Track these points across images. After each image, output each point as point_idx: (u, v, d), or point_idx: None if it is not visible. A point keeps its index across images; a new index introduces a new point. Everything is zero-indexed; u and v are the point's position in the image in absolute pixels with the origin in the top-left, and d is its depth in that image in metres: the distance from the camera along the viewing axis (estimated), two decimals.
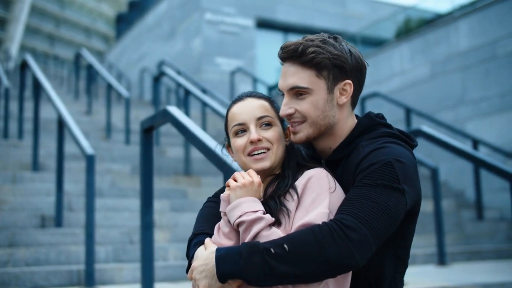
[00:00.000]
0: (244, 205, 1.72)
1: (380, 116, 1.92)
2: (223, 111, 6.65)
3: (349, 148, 1.85)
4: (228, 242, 1.76)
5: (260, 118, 1.85)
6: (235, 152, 1.90)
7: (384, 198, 1.64)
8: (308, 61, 1.79)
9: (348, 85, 1.84)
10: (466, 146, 4.82)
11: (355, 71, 1.85)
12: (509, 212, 8.31)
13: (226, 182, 1.81)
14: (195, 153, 8.33)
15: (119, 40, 25.45)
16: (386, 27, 15.33)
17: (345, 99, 1.85)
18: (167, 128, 10.08)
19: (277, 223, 1.72)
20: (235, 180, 1.79)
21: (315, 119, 1.82)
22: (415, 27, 12.08)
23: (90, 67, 11.45)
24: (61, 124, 5.56)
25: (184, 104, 7.92)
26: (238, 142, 1.87)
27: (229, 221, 1.77)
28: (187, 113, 7.97)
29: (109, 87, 9.89)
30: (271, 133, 1.84)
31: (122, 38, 24.48)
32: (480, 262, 6.58)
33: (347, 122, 1.88)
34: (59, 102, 5.78)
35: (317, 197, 1.71)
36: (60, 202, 5.36)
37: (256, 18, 17.68)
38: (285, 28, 18.56)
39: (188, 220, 6.13)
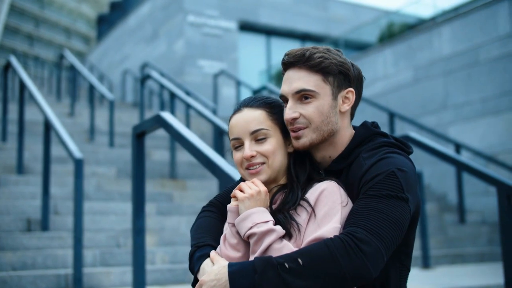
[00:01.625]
0: (254, 216, 1.72)
1: (376, 125, 1.96)
2: (207, 113, 6.67)
3: (349, 159, 1.86)
4: (235, 254, 1.76)
5: (253, 132, 1.83)
6: (235, 164, 1.91)
7: (391, 209, 1.67)
8: (316, 65, 1.81)
9: (350, 93, 1.88)
10: (460, 156, 4.89)
11: (357, 81, 1.90)
12: (490, 216, 8.42)
13: (232, 193, 1.81)
14: (181, 157, 8.34)
15: (100, 41, 25.30)
16: (369, 31, 15.45)
17: (347, 107, 1.88)
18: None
19: (287, 235, 1.72)
20: (242, 191, 1.79)
21: (319, 124, 1.83)
22: (398, 32, 12.20)
23: (73, 69, 11.37)
24: (47, 127, 5.52)
25: (169, 107, 7.92)
26: (236, 156, 1.88)
27: (237, 232, 1.76)
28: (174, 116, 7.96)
29: (92, 88, 9.83)
30: (266, 147, 1.83)
31: (103, 39, 24.33)
32: (464, 265, 6.67)
33: (347, 131, 1.91)
34: (45, 105, 5.74)
35: (329, 211, 1.71)
36: (46, 205, 5.33)
37: (239, 21, 17.70)
38: (268, 31, 18.61)
39: (175, 224, 6.13)
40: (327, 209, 1.71)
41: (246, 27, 18.10)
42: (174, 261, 5.43)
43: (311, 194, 1.76)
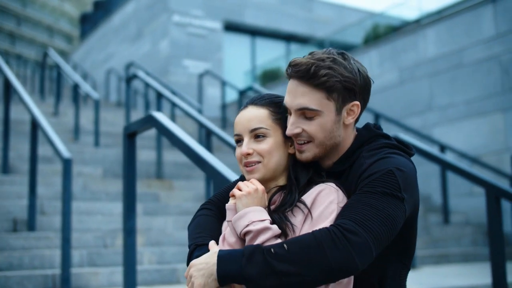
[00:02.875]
0: (250, 214, 1.73)
1: (378, 127, 1.96)
2: (195, 114, 6.66)
3: (350, 160, 1.87)
4: None
5: (253, 130, 1.85)
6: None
7: (383, 205, 1.67)
8: (320, 84, 1.78)
9: (355, 106, 1.86)
10: (452, 159, 4.96)
11: (363, 92, 1.87)
12: (474, 217, 8.50)
13: (230, 192, 1.83)
14: (167, 156, 8.32)
15: (83, 40, 25.14)
16: (354, 32, 15.51)
17: (352, 119, 1.87)
18: None
19: (283, 235, 1.73)
20: (240, 190, 1.81)
21: (322, 140, 1.83)
22: (383, 33, 12.27)
23: (57, 68, 11.29)
24: (34, 126, 5.48)
25: (155, 107, 7.89)
26: (236, 152, 1.90)
27: (235, 230, 1.78)
28: None
29: (76, 88, 9.77)
30: (263, 146, 1.84)
31: (87, 38, 24.18)
32: (448, 265, 6.73)
33: (350, 138, 1.91)
34: (32, 104, 5.70)
35: (325, 211, 1.72)
36: (33, 205, 5.29)
37: (224, 21, 17.69)
38: (253, 32, 18.62)
39: (162, 224, 6.11)
40: (323, 209, 1.73)
41: (231, 27, 18.09)
42: (161, 261, 5.42)
43: (309, 195, 1.78)
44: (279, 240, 1.69)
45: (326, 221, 1.70)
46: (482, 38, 8.74)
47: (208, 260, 1.66)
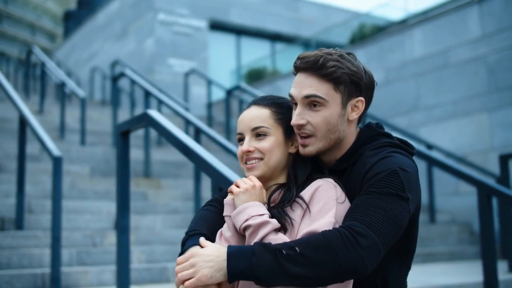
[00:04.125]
0: (249, 209, 1.76)
1: (380, 126, 1.98)
2: (183, 112, 6.65)
3: (353, 158, 1.89)
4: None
5: (254, 129, 1.90)
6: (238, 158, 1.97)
7: (390, 206, 1.69)
8: (328, 75, 1.82)
9: (360, 102, 1.89)
10: (447, 159, 5.01)
11: (367, 89, 1.90)
12: (459, 216, 8.58)
13: (229, 188, 1.87)
14: (155, 155, 8.29)
15: (67, 38, 24.95)
16: (340, 32, 15.57)
17: (356, 115, 1.90)
18: None
19: (282, 229, 1.76)
20: (237, 186, 1.85)
21: (326, 133, 1.85)
22: (369, 33, 12.33)
23: (42, 65, 11.20)
24: (22, 124, 5.43)
25: (143, 105, 7.86)
26: (238, 150, 1.95)
27: (233, 226, 1.81)
28: None
29: (61, 86, 9.69)
30: (264, 144, 1.88)
31: (70, 36, 24.01)
32: (435, 264, 6.78)
33: (353, 136, 1.93)
34: (20, 101, 5.65)
35: (324, 206, 1.74)
36: (21, 204, 5.24)
37: (210, 19, 17.66)
38: (238, 31, 18.61)
39: (150, 223, 6.09)
40: (322, 205, 1.75)
41: (217, 26, 18.07)
42: (151, 260, 5.40)
43: (307, 191, 1.80)
44: (279, 234, 1.71)
45: (325, 217, 1.71)
46: (468, 38, 8.82)
47: (217, 254, 1.66)
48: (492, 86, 8.38)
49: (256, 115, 1.91)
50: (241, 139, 1.94)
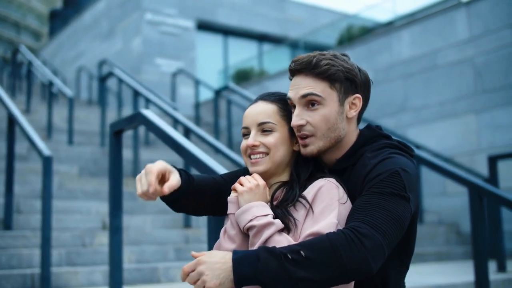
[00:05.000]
0: (254, 209, 1.77)
1: (379, 128, 2.00)
2: (173, 112, 6.63)
3: (353, 158, 1.90)
4: (230, 245, 1.81)
5: (260, 124, 1.91)
6: (241, 151, 1.98)
7: (393, 206, 1.70)
8: (322, 73, 1.84)
9: (357, 99, 1.91)
10: (440, 161, 5.05)
11: (364, 87, 1.92)
12: (446, 216, 8.63)
13: (232, 186, 1.88)
14: (143, 155, 8.26)
15: (53, 37, 24.79)
16: (328, 33, 15.60)
17: (354, 112, 1.91)
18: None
19: (286, 229, 1.76)
20: (241, 185, 1.85)
21: (325, 131, 1.87)
22: (357, 35, 12.37)
23: (29, 64, 11.12)
24: (11, 123, 5.39)
25: (132, 105, 7.83)
26: (242, 144, 1.95)
27: (237, 224, 1.82)
28: None
29: (48, 85, 9.62)
30: (269, 139, 1.89)
31: (56, 36, 23.85)
32: (424, 264, 6.81)
33: (353, 135, 1.94)
34: (9, 100, 5.60)
35: (327, 207, 1.75)
36: (10, 204, 5.20)
37: (197, 20, 17.63)
38: (225, 31, 18.60)
39: (140, 223, 6.07)
40: (324, 205, 1.75)
41: (204, 26, 18.04)
42: (141, 260, 5.38)
43: (309, 191, 1.81)
44: (283, 235, 1.72)
45: (328, 218, 1.72)
46: (456, 40, 8.88)
47: (224, 261, 1.65)
48: (479, 88, 8.45)
49: (263, 110, 1.92)
50: (246, 133, 1.95)
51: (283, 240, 1.70)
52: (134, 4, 16.98)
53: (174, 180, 1.76)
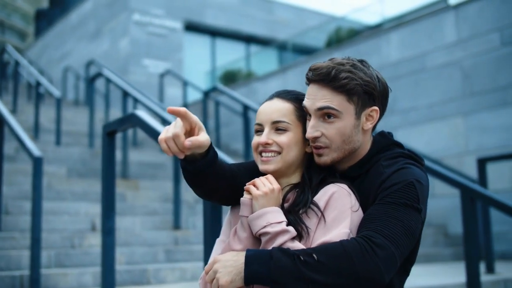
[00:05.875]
0: (268, 215, 1.74)
1: (391, 135, 1.99)
2: (162, 113, 6.60)
3: (366, 165, 1.90)
4: (239, 247, 1.79)
5: (275, 122, 1.87)
6: (252, 147, 1.94)
7: (407, 217, 1.71)
8: (340, 87, 1.80)
9: (374, 112, 1.88)
10: (432, 163, 5.07)
11: (382, 98, 1.89)
12: (434, 218, 8.67)
13: (246, 187, 1.83)
14: (132, 156, 8.22)
15: (39, 37, 24.63)
16: (316, 36, 15.63)
17: (370, 125, 1.88)
18: (100, 129, 9.85)
19: (298, 236, 1.75)
20: (255, 186, 1.81)
21: (340, 144, 1.85)
22: (346, 37, 12.41)
23: (16, 64, 11.03)
24: (0, 123, 5.33)
25: (122, 106, 7.79)
26: (254, 140, 1.92)
27: (249, 227, 1.79)
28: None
29: (36, 85, 9.55)
30: (283, 138, 1.86)
31: (42, 36, 23.70)
32: (413, 266, 6.84)
33: (367, 145, 1.93)
34: None
35: (339, 215, 1.74)
36: None
37: (185, 20, 17.60)
38: (213, 32, 18.58)
39: (129, 224, 6.03)
40: (336, 213, 1.74)
41: (192, 27, 18.02)
42: (131, 262, 5.35)
43: (321, 197, 1.79)
44: (295, 242, 1.71)
45: (340, 227, 1.72)
46: (444, 43, 8.93)
47: (236, 258, 1.68)
48: (467, 90, 8.51)
49: (279, 109, 1.89)
50: (259, 130, 1.91)
51: (296, 247, 1.70)
52: (122, 4, 16.91)
53: (202, 137, 1.66)
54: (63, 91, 17.15)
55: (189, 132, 1.66)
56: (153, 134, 3.12)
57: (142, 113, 3.25)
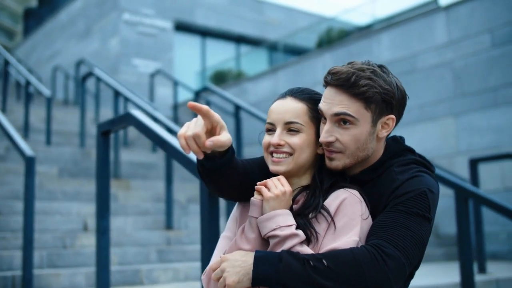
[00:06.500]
0: (279, 218, 1.72)
1: (403, 140, 1.98)
2: (155, 113, 6.60)
3: (379, 170, 1.88)
4: (247, 247, 1.76)
5: (288, 123, 1.83)
6: (262, 146, 1.90)
7: (418, 227, 1.70)
8: (360, 94, 1.76)
9: (391, 120, 1.85)
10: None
11: (399, 106, 1.86)
12: None
13: (256, 187, 1.79)
14: (123, 156, 8.19)
15: (27, 36, 24.48)
16: (306, 36, 15.64)
17: (386, 133, 1.86)
18: (90, 129, 9.81)
19: (306, 240, 1.74)
20: (266, 187, 1.78)
21: (354, 151, 1.82)
22: (336, 37, 12.43)
23: (5, 64, 10.94)
24: None
25: (113, 105, 7.76)
26: (264, 139, 1.88)
27: (258, 227, 1.77)
28: (116, 114, 7.81)
29: (26, 85, 9.48)
30: (295, 140, 1.82)
31: (31, 34, 23.56)
32: None
33: (380, 151, 1.91)
34: None
35: (349, 223, 1.72)
36: None
37: (175, 20, 17.56)
38: (203, 32, 18.55)
39: (121, 224, 6.01)
40: (347, 220, 1.72)
41: (182, 27, 17.98)
42: (123, 262, 5.32)
43: (332, 202, 1.77)
44: (304, 247, 1.70)
45: (349, 235, 1.70)
46: (435, 44, 8.97)
47: (244, 259, 1.67)
48: (458, 91, 8.55)
49: (292, 109, 1.84)
50: (270, 129, 1.87)
51: (305, 252, 1.69)
52: (112, 4, 16.84)
53: (223, 137, 1.63)
54: (52, 91, 17.06)
55: (210, 131, 1.64)
56: (149, 133, 3.10)
57: (138, 113, 3.23)
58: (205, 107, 1.60)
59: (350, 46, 10.51)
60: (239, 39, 19.21)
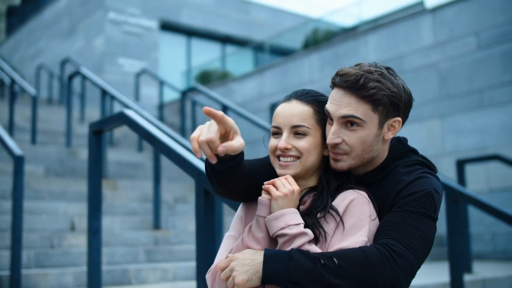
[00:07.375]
0: (287, 217, 1.72)
1: (407, 141, 2.00)
2: (145, 113, 6.56)
3: (384, 172, 1.89)
4: (255, 246, 1.76)
5: (294, 126, 1.82)
6: (268, 149, 1.90)
7: (425, 227, 1.73)
8: (368, 96, 1.77)
9: (397, 122, 1.86)
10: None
11: (406, 108, 1.87)
12: None
13: (264, 186, 1.79)
14: (109, 156, 8.15)
15: (10, 34, 24.26)
16: (292, 37, 15.66)
17: (391, 135, 1.87)
18: (76, 128, 9.75)
19: (314, 239, 1.75)
20: (274, 186, 1.78)
21: (360, 153, 1.83)
22: (323, 38, 12.46)
23: None
24: None
25: (100, 105, 7.72)
26: (271, 143, 1.87)
27: (266, 227, 1.77)
28: (103, 114, 7.78)
29: (10, 84, 9.40)
30: (302, 143, 1.81)
31: (14, 33, 23.34)
32: None
33: (385, 152, 1.92)
34: None
35: (357, 223, 1.73)
36: None
37: (160, 20, 17.50)
38: (189, 32, 18.51)
39: (109, 224, 5.97)
40: (355, 221, 1.73)
41: (167, 26, 17.93)
42: (111, 262, 5.30)
43: (340, 202, 1.78)
44: (312, 246, 1.70)
45: (357, 235, 1.71)
46: (421, 46, 9.04)
47: (253, 257, 1.67)
48: (444, 93, 8.62)
49: (298, 112, 1.83)
50: (276, 133, 1.86)
51: (313, 250, 1.69)
52: (97, 2, 16.75)
53: (237, 142, 1.62)
54: (36, 90, 16.91)
55: (223, 136, 1.64)
56: (143, 133, 3.10)
57: (131, 112, 3.22)
58: (220, 112, 1.60)
59: (336, 47, 10.55)
60: (225, 39, 19.19)
